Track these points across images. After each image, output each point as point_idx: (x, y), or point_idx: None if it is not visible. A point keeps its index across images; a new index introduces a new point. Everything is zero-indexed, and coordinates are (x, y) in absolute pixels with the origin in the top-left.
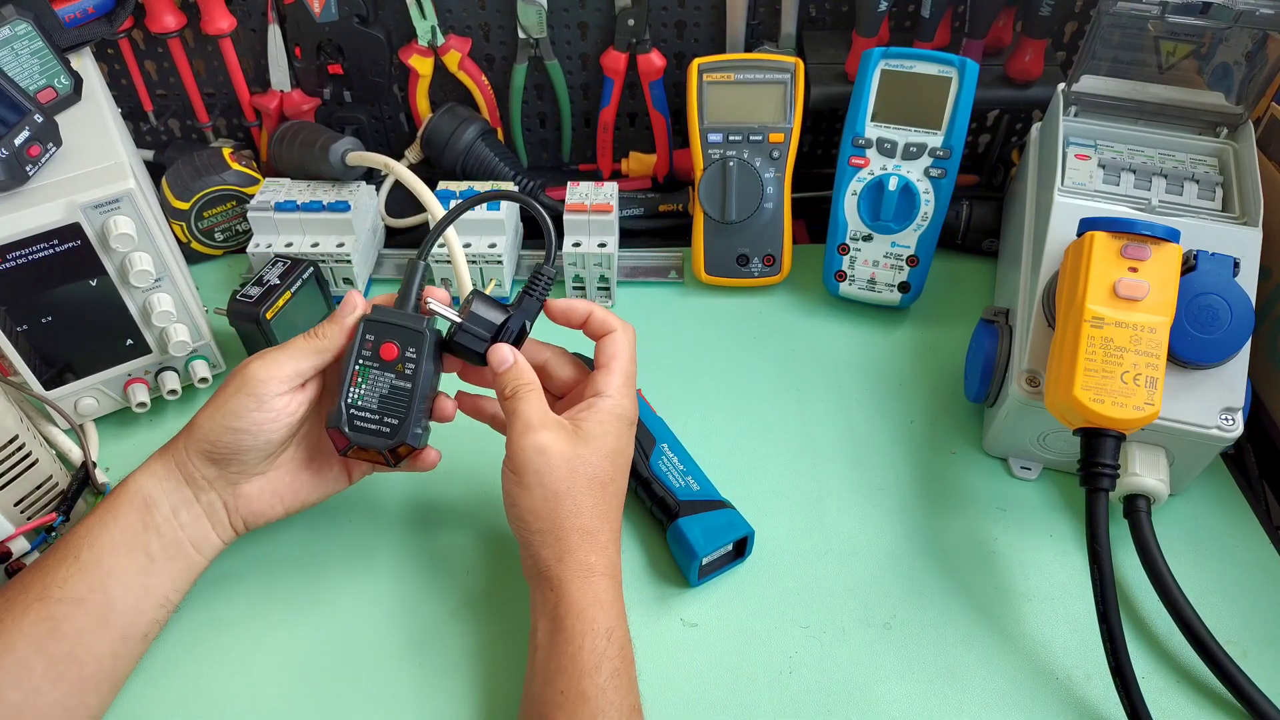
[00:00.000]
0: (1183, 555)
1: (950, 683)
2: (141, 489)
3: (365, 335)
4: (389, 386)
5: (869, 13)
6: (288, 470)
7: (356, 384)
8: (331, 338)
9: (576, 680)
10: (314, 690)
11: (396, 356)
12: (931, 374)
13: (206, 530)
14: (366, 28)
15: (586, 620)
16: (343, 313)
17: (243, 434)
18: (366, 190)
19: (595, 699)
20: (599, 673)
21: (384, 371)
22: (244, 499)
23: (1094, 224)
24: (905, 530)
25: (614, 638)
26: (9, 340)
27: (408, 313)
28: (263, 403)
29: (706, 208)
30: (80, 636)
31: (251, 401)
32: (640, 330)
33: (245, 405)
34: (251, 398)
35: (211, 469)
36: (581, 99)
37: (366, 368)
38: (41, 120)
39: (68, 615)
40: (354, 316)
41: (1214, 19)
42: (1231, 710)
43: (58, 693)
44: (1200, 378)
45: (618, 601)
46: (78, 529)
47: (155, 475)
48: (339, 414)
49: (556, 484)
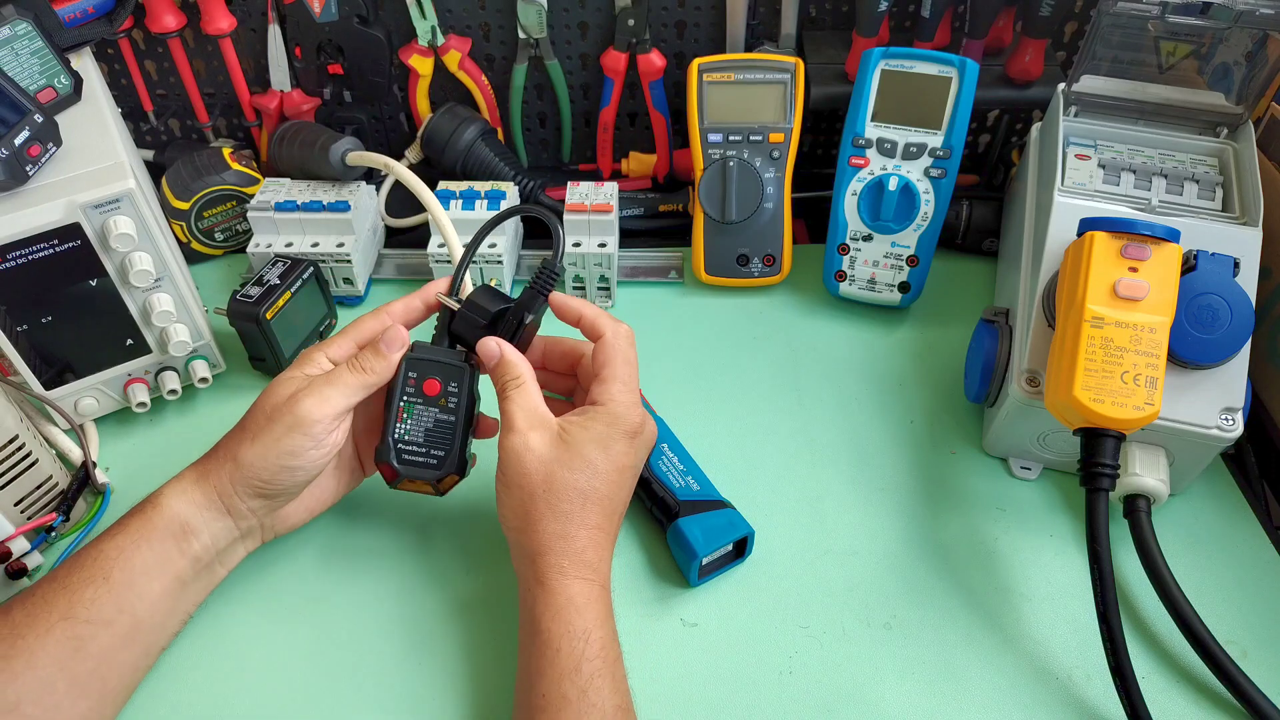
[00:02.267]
0: (1183, 555)
1: (950, 683)
2: (179, 515)
3: (408, 373)
4: (433, 420)
5: (869, 13)
6: (318, 484)
7: (402, 420)
8: (379, 374)
9: (557, 683)
10: (314, 690)
11: (439, 392)
12: (931, 374)
13: (237, 548)
14: (366, 28)
15: (562, 623)
16: (390, 348)
17: (298, 471)
18: (366, 190)
19: (576, 701)
20: (579, 674)
21: (428, 406)
22: (280, 518)
23: (1094, 224)
24: (905, 530)
25: (592, 639)
26: (9, 340)
27: (446, 348)
28: (319, 442)
29: (706, 208)
30: (105, 656)
31: (308, 441)
32: (640, 330)
33: (302, 445)
34: (307, 438)
35: (259, 502)
36: (581, 99)
37: (411, 404)
38: (41, 120)
39: (94, 636)
40: (400, 354)
41: (1214, 19)
42: (1231, 710)
43: (79, 708)
44: (1200, 378)
45: (596, 604)
46: (106, 547)
47: (195, 504)
48: (388, 449)
49: (532, 486)
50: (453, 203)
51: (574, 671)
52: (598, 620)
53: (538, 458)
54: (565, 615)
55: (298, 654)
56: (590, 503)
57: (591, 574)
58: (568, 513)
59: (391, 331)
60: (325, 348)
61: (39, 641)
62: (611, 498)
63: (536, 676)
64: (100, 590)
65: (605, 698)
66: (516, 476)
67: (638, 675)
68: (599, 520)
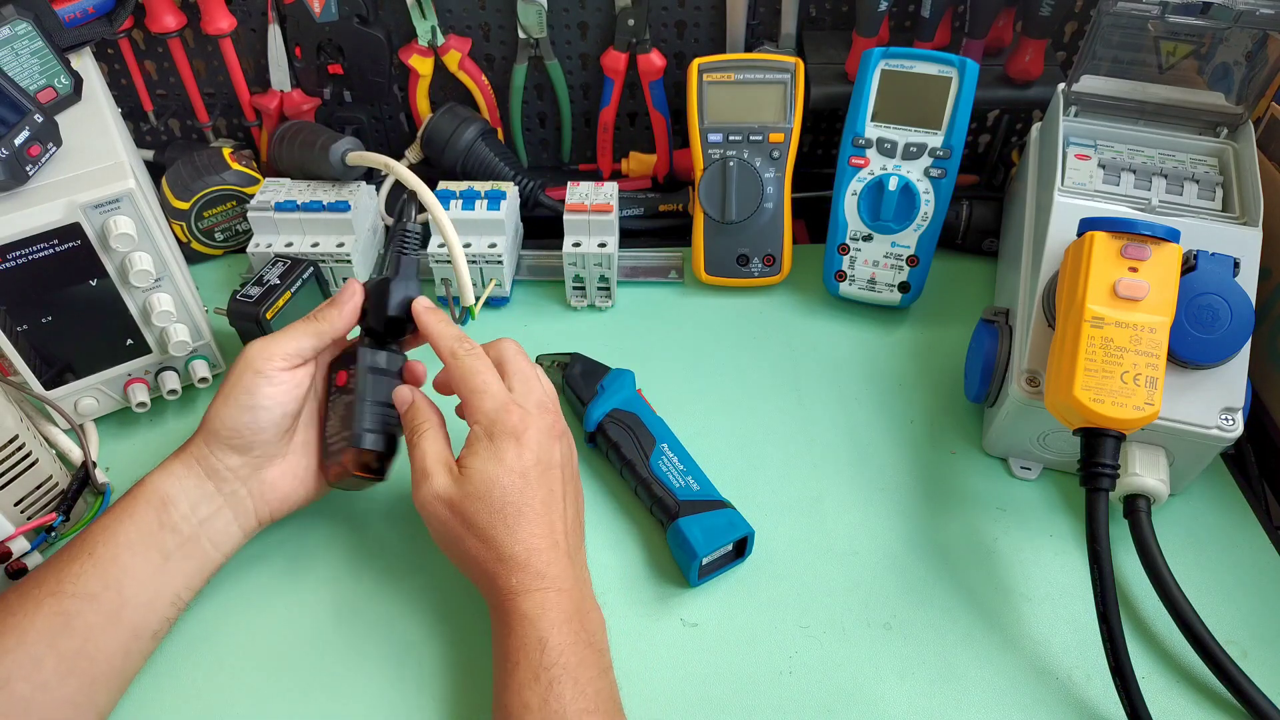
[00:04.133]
0: (1183, 555)
1: (950, 683)
2: (158, 488)
3: (330, 377)
4: (343, 405)
5: (869, 13)
6: (304, 454)
7: (329, 418)
8: (330, 320)
9: (518, 693)
10: (314, 690)
11: (347, 380)
12: (931, 374)
13: (228, 523)
14: (366, 28)
15: (517, 637)
16: (342, 299)
17: (259, 410)
18: (366, 190)
19: (539, 709)
20: (537, 682)
21: (341, 395)
22: (269, 485)
23: (1094, 224)
24: (905, 530)
25: (549, 647)
26: (9, 340)
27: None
28: (270, 378)
29: (706, 208)
30: (91, 633)
31: (259, 378)
32: (640, 330)
33: (254, 382)
34: (258, 375)
35: (235, 457)
36: (581, 99)
37: (333, 401)
38: (41, 120)
39: (80, 611)
40: (353, 303)
41: (1214, 19)
42: (1231, 710)
43: (67, 689)
44: (1200, 378)
45: (552, 610)
46: (93, 526)
47: (173, 475)
48: (323, 449)
49: (454, 529)
50: (453, 203)
51: (533, 680)
52: (554, 625)
53: (448, 498)
54: (519, 630)
55: (297, 654)
56: (511, 518)
57: (542, 583)
58: (493, 537)
59: (348, 284)
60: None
61: (28, 618)
62: (534, 502)
63: (501, 690)
64: (85, 565)
65: (566, 703)
66: (435, 525)
67: (638, 675)
68: (533, 529)
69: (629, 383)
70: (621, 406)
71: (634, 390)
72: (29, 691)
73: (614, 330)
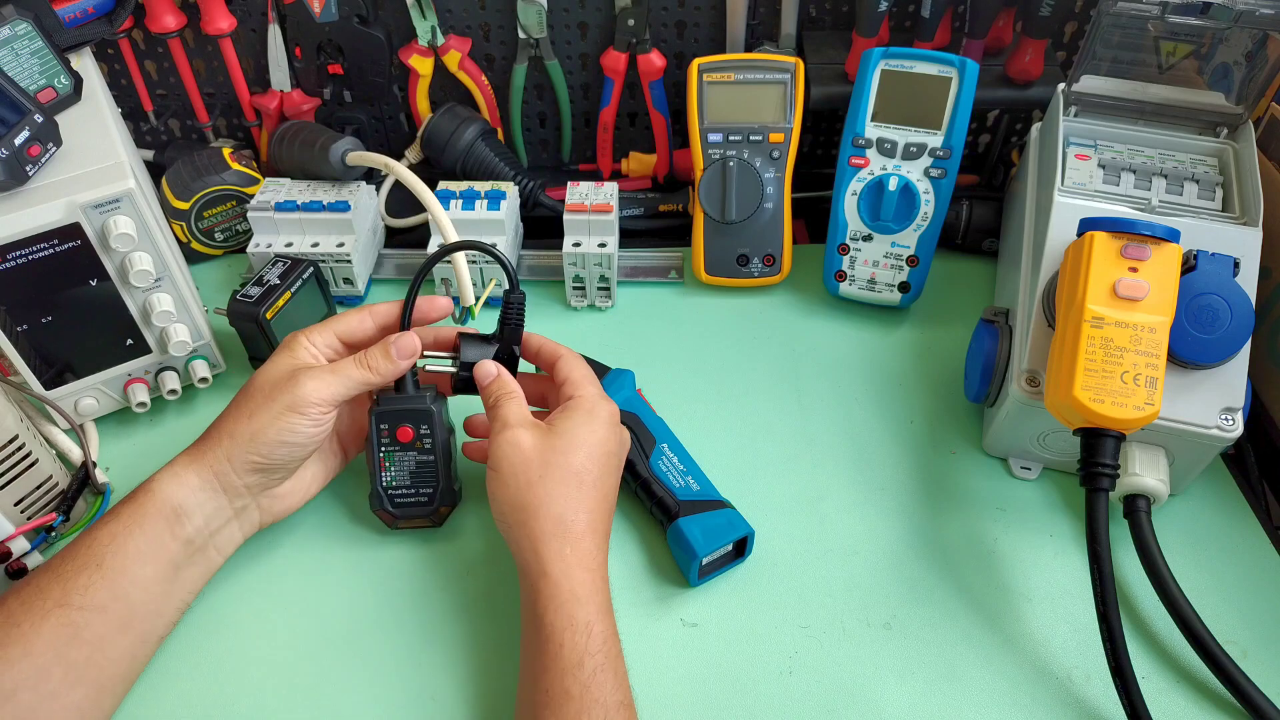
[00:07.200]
0: (1183, 555)
1: (950, 683)
2: (171, 499)
3: (380, 425)
4: (415, 463)
5: (869, 13)
6: (312, 465)
7: (385, 469)
8: (383, 375)
9: (560, 678)
10: (314, 690)
11: (413, 437)
12: (931, 374)
13: (234, 532)
14: (366, 28)
15: (565, 616)
16: (400, 355)
17: (296, 448)
18: (366, 190)
19: (580, 696)
20: (581, 669)
21: (406, 451)
22: (277, 498)
23: (1094, 224)
24: (905, 530)
25: (594, 632)
26: (9, 340)
27: (410, 394)
28: (317, 422)
29: (706, 208)
30: (100, 643)
31: (306, 421)
32: (640, 330)
33: (300, 424)
34: (305, 418)
35: (256, 477)
36: (581, 99)
37: (390, 452)
38: (41, 120)
39: (89, 622)
40: (409, 363)
41: (1214, 19)
42: (1231, 710)
43: (75, 697)
44: (1200, 378)
45: (597, 595)
46: (99, 534)
47: (188, 486)
48: (379, 498)
49: (529, 473)
50: (453, 203)
51: (577, 666)
52: (599, 613)
53: (531, 446)
54: (568, 608)
55: (298, 653)
56: (585, 484)
57: (592, 563)
58: (564, 495)
59: (405, 339)
60: (306, 334)
61: (34, 629)
62: (602, 480)
63: (540, 672)
64: (94, 577)
65: (608, 693)
66: (511, 467)
67: (638, 675)
68: (594, 504)
69: (629, 383)
70: (621, 406)
71: (634, 390)
72: (36, 701)
73: (614, 330)
